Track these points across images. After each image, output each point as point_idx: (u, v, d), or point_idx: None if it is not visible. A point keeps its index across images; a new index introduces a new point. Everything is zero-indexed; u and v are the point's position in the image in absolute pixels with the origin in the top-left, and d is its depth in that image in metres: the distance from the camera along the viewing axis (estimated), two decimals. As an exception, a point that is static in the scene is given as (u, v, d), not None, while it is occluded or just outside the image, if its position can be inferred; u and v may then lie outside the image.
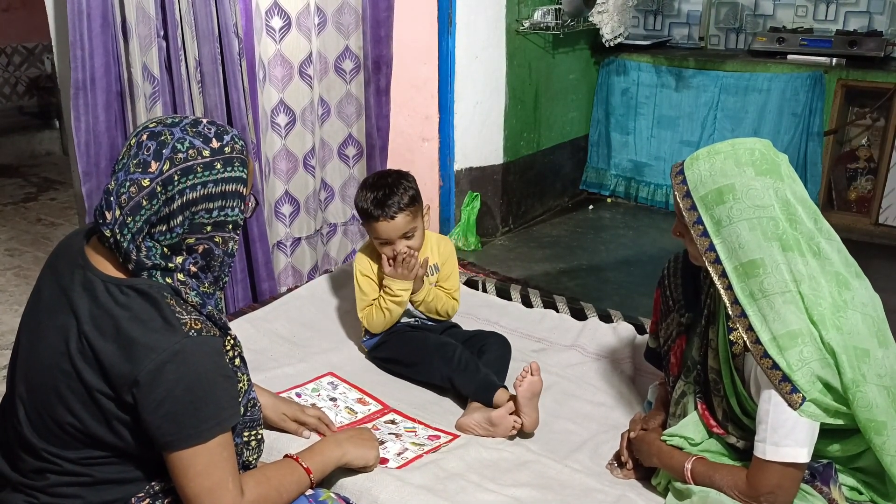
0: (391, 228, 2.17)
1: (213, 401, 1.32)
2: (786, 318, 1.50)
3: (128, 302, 1.30)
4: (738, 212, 1.53)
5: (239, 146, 1.39)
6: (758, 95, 4.09)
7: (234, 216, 1.39)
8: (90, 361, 1.28)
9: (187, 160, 1.31)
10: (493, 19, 3.73)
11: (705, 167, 1.57)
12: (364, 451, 1.72)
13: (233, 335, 1.43)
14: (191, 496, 1.32)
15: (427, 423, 2.08)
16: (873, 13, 4.20)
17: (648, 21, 4.91)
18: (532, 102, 4.09)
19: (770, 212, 1.52)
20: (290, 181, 3.03)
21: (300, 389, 2.19)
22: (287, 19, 2.85)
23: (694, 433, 1.75)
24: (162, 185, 1.30)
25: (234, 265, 2.75)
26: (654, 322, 1.99)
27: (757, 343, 1.52)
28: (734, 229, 1.53)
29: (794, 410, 1.48)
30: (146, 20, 2.39)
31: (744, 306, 1.53)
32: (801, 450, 1.50)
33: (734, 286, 1.54)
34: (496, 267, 3.59)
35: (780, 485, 1.53)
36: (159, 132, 1.32)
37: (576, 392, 2.26)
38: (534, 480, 1.84)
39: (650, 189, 4.56)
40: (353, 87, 3.15)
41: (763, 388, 1.54)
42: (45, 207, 4.54)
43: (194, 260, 1.37)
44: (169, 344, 1.27)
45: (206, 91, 2.58)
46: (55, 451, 1.34)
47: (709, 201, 1.55)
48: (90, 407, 1.30)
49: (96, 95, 2.34)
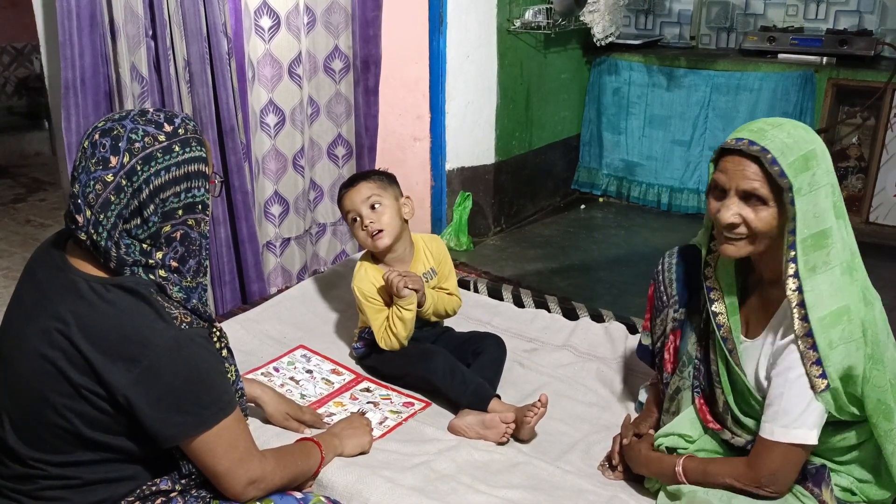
0: (354, 194, 2.21)
1: (213, 388, 1.34)
2: (840, 290, 1.50)
3: (115, 299, 1.29)
4: (819, 178, 1.50)
5: (191, 126, 1.39)
6: (749, 95, 4.10)
7: (202, 196, 1.39)
8: (76, 362, 1.27)
9: (145, 148, 1.31)
10: (484, 19, 3.72)
11: (782, 135, 1.51)
12: (359, 440, 1.84)
13: (218, 326, 1.44)
14: (222, 472, 1.37)
15: (399, 390, 2.22)
16: (863, 12, 4.21)
17: (640, 20, 4.91)
18: (524, 102, 4.08)
19: (832, 178, 1.52)
20: (280, 181, 3.02)
21: (276, 364, 2.30)
22: (276, 19, 2.84)
23: (690, 430, 1.75)
24: (126, 178, 1.30)
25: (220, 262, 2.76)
26: (648, 319, 1.98)
27: (804, 321, 1.51)
28: (813, 197, 1.49)
29: (814, 393, 1.49)
30: (134, 20, 2.38)
31: (802, 281, 1.51)
32: (810, 432, 1.52)
33: (798, 259, 1.50)
34: (488, 267, 3.59)
35: (782, 467, 1.55)
36: (110, 128, 1.32)
37: (567, 392, 2.26)
38: (525, 482, 1.83)
39: (642, 188, 4.56)
40: (342, 86, 3.14)
41: (783, 370, 1.54)
42: (34, 208, 4.51)
43: (174, 253, 1.37)
44: (163, 338, 1.28)
45: (194, 91, 2.57)
46: (43, 457, 1.33)
47: (796, 168, 1.49)
48: (80, 408, 1.29)
49: (86, 96, 2.32)
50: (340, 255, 3.34)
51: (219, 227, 2.75)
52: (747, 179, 1.52)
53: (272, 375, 2.25)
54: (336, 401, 2.16)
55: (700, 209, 4.36)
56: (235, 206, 2.78)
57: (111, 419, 1.30)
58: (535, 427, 1.99)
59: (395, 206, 2.23)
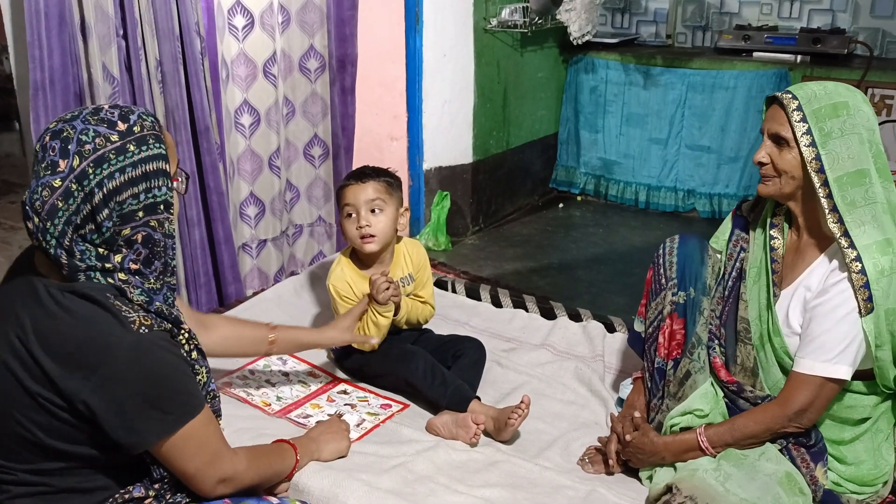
0: (359, 190, 2.16)
1: (177, 392, 1.31)
2: (885, 225, 1.62)
3: (71, 306, 1.25)
4: (850, 126, 1.64)
5: (149, 122, 1.33)
6: (724, 93, 4.12)
7: (164, 195, 1.34)
8: (33, 371, 1.24)
9: (96, 150, 1.26)
10: (460, 17, 3.71)
11: (817, 87, 1.68)
12: (337, 445, 1.82)
13: (186, 328, 1.39)
14: (191, 473, 1.35)
15: (377, 392, 2.21)
16: (836, 11, 4.25)
17: (616, 19, 4.92)
18: (501, 101, 4.08)
19: (873, 136, 1.66)
20: (255, 182, 2.99)
21: (252, 367, 2.30)
22: (250, 18, 2.81)
23: (702, 404, 1.80)
24: (76, 182, 1.25)
25: (195, 264, 2.73)
26: (644, 305, 2.00)
27: (851, 247, 1.61)
28: (845, 141, 1.63)
29: (860, 321, 1.59)
30: (104, 19, 2.34)
31: (842, 213, 1.62)
32: (846, 367, 1.62)
33: (834, 194, 1.62)
34: (467, 266, 3.58)
35: (813, 402, 1.64)
36: (60, 129, 1.27)
37: (546, 391, 2.25)
38: (504, 480, 1.83)
39: (620, 187, 4.57)
40: (318, 86, 3.11)
41: (830, 308, 1.63)
42: (4, 211, 4.44)
43: (136, 254, 1.32)
44: (121, 345, 1.24)
45: (167, 91, 2.54)
46: (10, 464, 1.30)
47: (822, 114, 1.64)
48: (39, 417, 1.26)
49: (56, 96, 2.28)
50: (318, 256, 3.31)
51: (193, 229, 2.72)
52: (775, 123, 1.70)
53: (248, 378, 2.23)
54: (313, 403, 2.14)
55: (677, 207, 4.38)
56: (211, 208, 2.75)
57: (73, 429, 1.27)
58: (518, 428, 1.98)
59: (394, 214, 2.20)
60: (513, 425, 1.94)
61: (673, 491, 1.66)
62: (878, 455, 1.74)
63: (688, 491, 1.62)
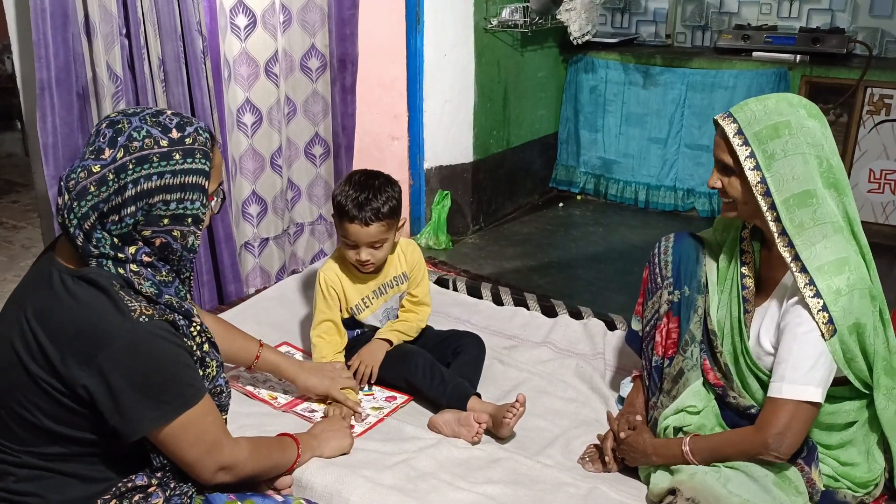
0: (363, 234, 2.11)
1: (174, 381, 1.32)
2: (836, 245, 1.59)
3: (77, 291, 1.28)
4: (793, 146, 1.60)
5: (202, 138, 1.36)
6: (724, 92, 4.13)
7: (195, 210, 1.36)
8: (35, 355, 1.27)
9: (142, 149, 1.29)
10: (461, 17, 3.72)
11: (758, 107, 1.64)
12: (339, 443, 1.83)
13: (198, 321, 1.41)
14: (190, 462, 1.36)
15: (382, 386, 2.21)
16: (835, 10, 4.26)
17: (616, 19, 4.94)
18: (501, 100, 4.09)
19: (820, 151, 1.61)
20: (258, 181, 3.00)
21: None
22: (252, 17, 2.82)
23: (695, 401, 1.79)
24: (114, 173, 1.28)
25: (197, 263, 2.74)
26: (641, 303, 2.00)
27: (803, 272, 1.59)
28: (788, 162, 1.60)
29: (824, 342, 1.56)
30: (108, 18, 2.35)
31: (791, 236, 1.60)
32: (817, 389, 1.58)
33: (782, 217, 1.60)
34: (467, 265, 3.59)
35: (790, 425, 1.59)
36: (118, 120, 1.31)
37: (547, 389, 2.27)
38: (505, 477, 1.84)
39: (619, 186, 4.58)
40: (319, 85, 3.12)
41: (791, 327, 1.60)
42: (6, 210, 4.45)
43: (149, 250, 1.34)
44: (119, 332, 1.26)
45: (169, 90, 2.55)
46: (14, 446, 1.32)
47: (763, 136, 1.61)
48: (40, 400, 1.28)
49: (61, 95, 2.29)
50: (319, 254, 3.33)
51: (196, 228, 2.73)
52: (718, 149, 1.68)
53: (255, 372, 2.24)
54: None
55: (676, 206, 4.40)
56: (212, 206, 2.76)
57: (72, 413, 1.29)
58: (514, 426, 2.00)
59: (394, 238, 2.21)
60: (508, 423, 1.95)
61: (675, 494, 1.67)
62: (871, 458, 1.73)
63: (689, 493, 1.63)
